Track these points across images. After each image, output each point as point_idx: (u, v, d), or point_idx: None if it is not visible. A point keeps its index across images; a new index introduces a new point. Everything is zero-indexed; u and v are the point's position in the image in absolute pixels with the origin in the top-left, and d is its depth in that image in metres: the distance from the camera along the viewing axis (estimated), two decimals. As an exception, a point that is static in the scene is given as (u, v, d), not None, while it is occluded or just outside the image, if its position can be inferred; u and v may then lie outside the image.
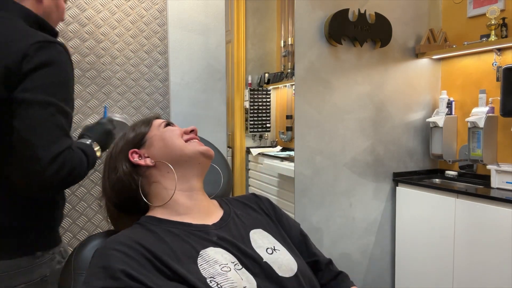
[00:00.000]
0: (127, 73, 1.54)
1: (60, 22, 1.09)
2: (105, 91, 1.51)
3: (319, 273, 0.94)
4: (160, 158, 0.87)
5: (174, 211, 0.85)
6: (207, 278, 0.71)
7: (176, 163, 0.87)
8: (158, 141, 0.89)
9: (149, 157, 0.88)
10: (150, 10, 1.56)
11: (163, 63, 1.60)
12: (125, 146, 0.90)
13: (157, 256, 0.71)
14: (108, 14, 1.49)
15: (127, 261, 0.69)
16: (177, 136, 0.89)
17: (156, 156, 0.88)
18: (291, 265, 0.82)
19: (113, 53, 1.51)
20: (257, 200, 0.99)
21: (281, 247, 0.86)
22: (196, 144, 0.89)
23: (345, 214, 2.27)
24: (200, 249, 0.76)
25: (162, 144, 0.88)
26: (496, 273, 1.89)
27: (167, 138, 0.89)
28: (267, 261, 0.80)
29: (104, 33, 1.49)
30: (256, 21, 3.55)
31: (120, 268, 0.67)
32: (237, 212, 0.92)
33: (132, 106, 1.55)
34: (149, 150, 0.89)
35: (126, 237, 0.75)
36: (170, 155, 0.87)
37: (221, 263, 0.74)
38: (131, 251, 0.71)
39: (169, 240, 0.77)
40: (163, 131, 0.91)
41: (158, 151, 0.88)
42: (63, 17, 1.07)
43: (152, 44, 1.57)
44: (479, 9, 2.35)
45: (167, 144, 0.88)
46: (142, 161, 0.87)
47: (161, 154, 0.88)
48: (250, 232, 0.86)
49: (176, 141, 0.88)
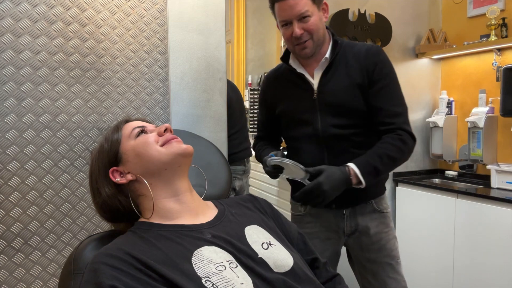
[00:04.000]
0: (127, 73, 1.54)
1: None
2: (105, 91, 1.51)
3: (316, 271, 0.94)
4: (139, 172, 0.86)
5: (165, 217, 0.85)
6: (202, 278, 0.70)
7: (156, 172, 0.85)
8: (133, 157, 0.86)
9: (129, 172, 0.87)
10: (150, 10, 1.56)
11: (163, 63, 1.60)
12: (103, 166, 0.88)
13: (148, 265, 0.71)
14: (108, 14, 1.49)
15: (117, 276, 0.68)
16: (152, 145, 0.86)
17: (136, 171, 0.86)
18: (287, 259, 0.81)
19: (113, 53, 1.51)
20: (252, 200, 0.99)
21: (276, 242, 0.86)
22: (172, 146, 0.86)
23: (345, 214, 2.26)
24: (194, 249, 0.76)
25: (138, 159, 0.86)
26: (496, 272, 1.89)
27: (141, 152, 0.86)
28: (262, 257, 0.80)
29: (104, 33, 1.49)
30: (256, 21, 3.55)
31: (109, 283, 0.67)
32: (232, 210, 0.92)
33: (132, 106, 1.56)
34: (127, 166, 0.87)
35: (116, 248, 0.74)
36: (148, 168, 0.85)
37: (215, 262, 0.74)
38: (121, 264, 0.70)
39: (162, 245, 0.77)
40: (136, 144, 0.87)
41: (136, 165, 0.86)
42: None
43: (152, 44, 1.57)
44: (479, 9, 2.36)
45: (143, 157, 0.86)
46: (123, 180, 0.86)
47: (139, 168, 0.86)
48: (245, 228, 0.86)
49: (151, 152, 0.85)
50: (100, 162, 0.89)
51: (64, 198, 1.45)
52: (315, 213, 1.48)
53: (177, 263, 0.73)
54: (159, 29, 1.58)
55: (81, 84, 1.47)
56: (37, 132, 1.40)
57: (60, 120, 1.44)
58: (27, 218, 1.40)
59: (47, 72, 1.41)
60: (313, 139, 1.40)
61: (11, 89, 1.36)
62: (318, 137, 1.39)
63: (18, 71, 1.37)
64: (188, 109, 1.64)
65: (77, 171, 1.47)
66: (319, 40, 1.35)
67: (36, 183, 1.41)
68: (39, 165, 1.41)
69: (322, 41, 1.37)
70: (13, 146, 1.37)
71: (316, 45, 1.34)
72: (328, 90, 1.37)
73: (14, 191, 1.37)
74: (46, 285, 1.43)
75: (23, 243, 1.39)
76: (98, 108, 1.50)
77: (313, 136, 1.40)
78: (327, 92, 1.37)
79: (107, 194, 0.86)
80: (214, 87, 1.69)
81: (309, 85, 1.40)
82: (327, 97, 1.37)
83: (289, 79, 1.46)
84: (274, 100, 1.51)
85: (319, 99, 1.38)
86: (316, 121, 1.38)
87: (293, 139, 1.51)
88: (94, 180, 0.90)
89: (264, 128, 1.68)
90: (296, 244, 0.95)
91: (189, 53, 1.64)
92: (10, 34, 1.35)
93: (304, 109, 1.41)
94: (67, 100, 1.45)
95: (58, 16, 1.41)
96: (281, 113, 1.49)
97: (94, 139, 1.50)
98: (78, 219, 1.48)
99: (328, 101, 1.37)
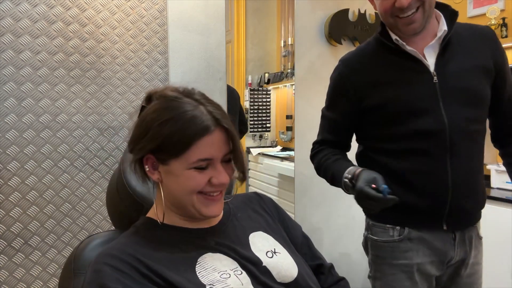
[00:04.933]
0: (127, 73, 1.54)
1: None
2: (105, 91, 1.51)
3: (321, 276, 0.93)
4: (164, 185, 0.79)
5: (173, 214, 0.82)
6: (206, 285, 0.70)
7: (177, 203, 0.79)
8: (171, 180, 0.77)
9: (159, 176, 0.78)
10: (150, 10, 1.56)
11: (163, 63, 1.60)
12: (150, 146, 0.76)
13: (151, 268, 0.70)
14: (108, 14, 1.49)
15: (119, 278, 0.68)
16: (192, 191, 0.76)
17: (162, 182, 0.79)
18: (291, 270, 0.80)
19: (113, 53, 1.51)
20: (259, 200, 0.97)
21: (282, 249, 0.85)
22: (203, 205, 0.77)
23: (345, 214, 2.26)
24: (198, 257, 0.75)
25: (173, 182, 0.77)
26: (496, 273, 1.89)
27: (180, 183, 0.76)
28: (267, 266, 0.79)
29: (104, 33, 1.49)
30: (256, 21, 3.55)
31: (112, 286, 0.67)
32: (237, 214, 0.90)
33: (132, 106, 1.56)
34: (162, 170, 0.77)
35: (120, 249, 0.73)
36: (174, 194, 0.78)
37: (220, 270, 0.73)
38: (125, 267, 0.70)
39: (166, 248, 0.76)
40: (184, 174, 0.75)
41: (168, 181, 0.78)
42: None
43: (152, 44, 1.57)
44: (479, 9, 2.36)
45: (176, 187, 0.76)
46: (150, 172, 0.78)
47: (168, 185, 0.78)
48: (249, 236, 0.85)
49: (184, 193, 0.76)
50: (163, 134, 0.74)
51: (64, 198, 1.45)
52: (416, 237, 1.15)
53: (181, 270, 0.72)
54: (159, 29, 1.58)
55: (81, 84, 1.47)
56: (37, 132, 1.40)
57: (60, 120, 1.44)
58: (27, 218, 1.40)
59: (47, 72, 1.41)
60: (432, 136, 1.09)
61: (11, 89, 1.36)
62: (441, 133, 1.08)
63: (18, 71, 1.37)
64: (188, 109, 1.65)
65: (77, 171, 1.47)
66: (430, 9, 1.06)
67: (36, 183, 1.41)
68: (39, 165, 1.41)
69: (432, 12, 1.09)
70: (13, 146, 1.37)
71: (426, 17, 1.06)
72: (450, 73, 1.09)
73: (14, 191, 1.37)
74: (46, 285, 1.43)
75: (23, 243, 1.39)
76: (98, 108, 1.50)
77: (433, 132, 1.08)
78: (449, 75, 1.09)
79: (139, 156, 0.77)
80: (214, 87, 1.69)
81: (424, 66, 1.10)
82: (451, 81, 1.09)
83: (391, 60, 1.14)
84: (366, 88, 1.16)
85: (440, 83, 1.09)
86: (438, 112, 1.08)
87: (397, 139, 1.14)
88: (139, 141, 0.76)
89: (335, 130, 1.32)
90: (301, 248, 0.93)
91: (189, 53, 1.64)
92: (10, 34, 1.35)
93: (422, 96, 1.10)
94: (67, 100, 1.45)
95: (58, 16, 1.41)
96: (379, 105, 1.14)
97: (94, 139, 1.50)
98: (78, 219, 1.48)
99: (453, 86, 1.09)
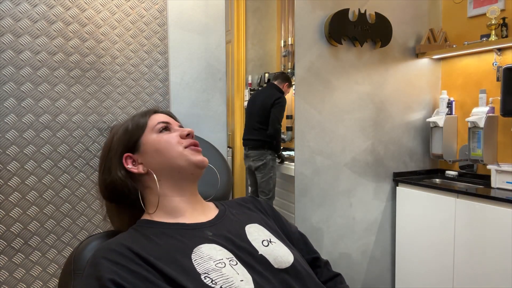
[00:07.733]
0: (127, 73, 1.54)
1: None
2: (105, 91, 1.51)
3: (317, 269, 0.95)
4: (152, 167, 0.87)
5: (168, 214, 0.86)
6: (201, 274, 0.71)
7: (169, 172, 0.86)
8: (152, 151, 0.87)
9: (142, 163, 0.87)
10: (150, 10, 1.56)
11: (163, 63, 1.60)
12: (120, 148, 0.89)
13: (148, 261, 0.72)
14: (108, 14, 1.49)
15: (116, 270, 0.69)
16: (174, 146, 0.87)
17: (149, 164, 0.87)
18: (287, 256, 0.82)
19: (113, 53, 1.51)
20: (253, 201, 1.01)
21: (276, 240, 0.86)
22: (191, 154, 0.87)
23: (345, 214, 2.26)
24: (194, 246, 0.77)
25: (156, 154, 0.87)
26: (496, 273, 1.89)
27: (162, 150, 0.87)
28: (263, 254, 0.80)
29: (104, 33, 1.49)
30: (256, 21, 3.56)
31: (109, 277, 0.68)
32: (233, 211, 0.93)
33: (132, 106, 1.55)
34: (143, 157, 0.88)
35: (118, 243, 0.75)
36: (163, 166, 0.86)
37: (215, 259, 0.74)
38: (121, 259, 0.71)
39: (163, 241, 0.77)
40: (158, 140, 0.88)
41: (151, 159, 0.87)
42: None
43: (152, 44, 1.57)
44: (479, 9, 2.35)
45: (161, 155, 0.86)
46: (135, 169, 0.87)
47: (154, 163, 0.87)
48: (245, 227, 0.87)
49: (171, 153, 0.86)
50: (121, 142, 0.89)
51: (64, 198, 1.45)
52: None
53: (177, 259, 0.73)
54: (159, 29, 1.58)
55: (81, 84, 1.47)
56: (37, 132, 1.40)
57: (60, 120, 1.44)
58: (27, 218, 1.39)
59: (47, 72, 1.41)
60: None
61: (11, 89, 1.36)
62: None
63: (18, 71, 1.36)
64: (188, 109, 1.64)
65: (77, 171, 1.47)
66: None
67: (36, 183, 1.40)
68: (39, 165, 1.41)
69: None
70: (13, 146, 1.37)
71: None
72: None
73: (14, 191, 1.37)
74: (46, 286, 1.43)
75: (23, 243, 1.39)
76: (98, 108, 1.50)
77: None
78: None
79: (119, 177, 0.86)
80: (214, 87, 1.69)
81: None
82: None
83: None
84: None
85: None
86: None
87: None
88: (109, 158, 0.89)
89: None
90: (297, 244, 0.96)
91: (189, 53, 1.64)
92: (10, 34, 1.34)
93: None
94: (67, 100, 1.45)
95: (58, 16, 1.41)
96: None
97: (94, 139, 1.49)
98: (78, 219, 1.48)
99: None
